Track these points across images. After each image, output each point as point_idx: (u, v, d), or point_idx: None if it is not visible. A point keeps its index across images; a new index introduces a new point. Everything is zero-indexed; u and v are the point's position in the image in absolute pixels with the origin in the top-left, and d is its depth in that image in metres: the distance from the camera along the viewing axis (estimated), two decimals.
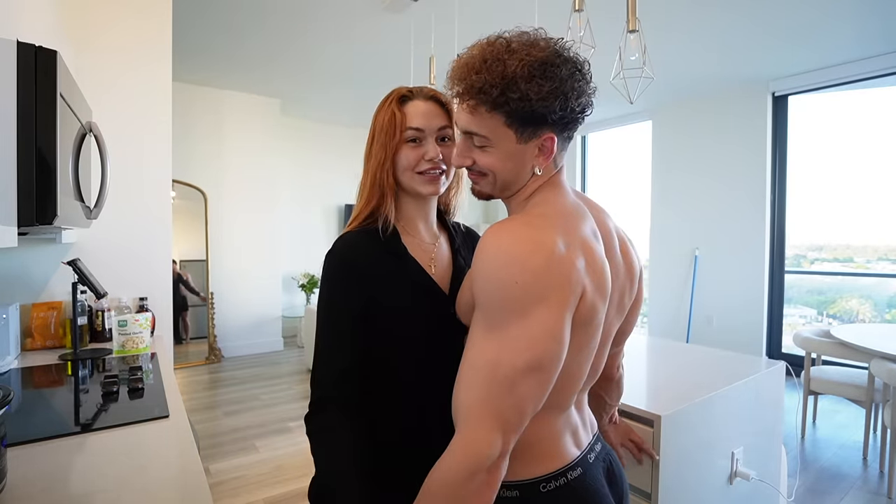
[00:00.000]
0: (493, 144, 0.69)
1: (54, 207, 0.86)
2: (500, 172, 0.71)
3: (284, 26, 3.26)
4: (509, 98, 0.64)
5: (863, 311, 4.19)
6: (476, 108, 0.67)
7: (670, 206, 5.03)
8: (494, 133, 0.68)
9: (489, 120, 0.67)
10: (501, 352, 0.60)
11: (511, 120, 0.66)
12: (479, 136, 0.69)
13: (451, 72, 0.70)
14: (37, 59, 0.84)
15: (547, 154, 0.70)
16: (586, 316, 0.65)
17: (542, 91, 0.63)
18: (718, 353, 1.73)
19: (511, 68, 0.63)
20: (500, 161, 0.70)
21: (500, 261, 0.62)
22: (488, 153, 0.70)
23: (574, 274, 0.62)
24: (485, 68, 0.64)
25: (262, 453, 2.65)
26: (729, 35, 3.33)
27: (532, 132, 0.67)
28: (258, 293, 4.93)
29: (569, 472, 0.71)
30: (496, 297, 0.62)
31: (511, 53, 0.64)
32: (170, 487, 0.84)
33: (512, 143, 0.68)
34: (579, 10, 1.76)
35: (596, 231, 0.71)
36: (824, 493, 2.32)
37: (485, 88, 0.64)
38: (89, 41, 1.93)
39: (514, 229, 0.65)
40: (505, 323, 0.61)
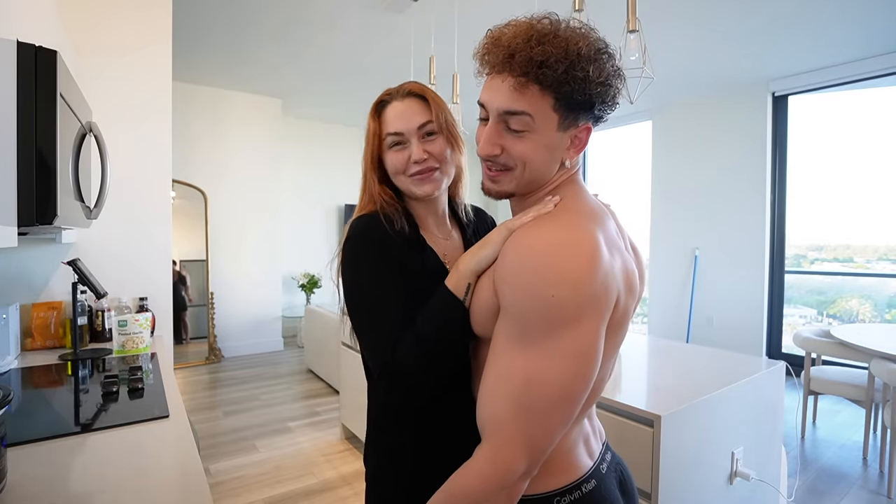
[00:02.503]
0: (534, 129, 0.61)
1: (54, 207, 0.86)
2: (533, 163, 0.63)
3: (285, 26, 3.26)
4: (573, 76, 0.57)
5: (863, 311, 4.19)
6: (527, 85, 0.58)
7: (670, 206, 5.03)
8: (539, 115, 0.60)
9: (538, 100, 0.59)
10: (535, 371, 0.56)
11: (561, 103, 0.59)
12: (523, 115, 0.60)
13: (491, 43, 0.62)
14: (37, 59, 0.84)
15: (579, 147, 0.65)
16: (619, 321, 0.62)
17: (603, 75, 0.59)
18: (718, 353, 1.73)
19: (574, 46, 0.57)
20: (535, 150, 0.62)
21: (537, 270, 0.56)
22: (524, 140, 0.62)
23: (612, 281, 0.58)
24: (546, 41, 0.57)
25: (262, 453, 2.65)
26: (729, 35, 3.33)
27: (573, 120, 0.62)
28: (258, 293, 4.93)
29: (583, 484, 0.67)
30: (529, 310, 0.57)
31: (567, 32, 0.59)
32: (170, 487, 0.84)
33: (553, 129, 0.61)
34: (579, 10, 1.76)
35: (618, 229, 0.69)
36: (824, 493, 2.32)
37: (548, 62, 0.57)
38: (89, 41, 1.93)
39: (549, 233, 0.58)
40: (539, 339, 0.57)
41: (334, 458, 2.59)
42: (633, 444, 1.18)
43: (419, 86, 0.82)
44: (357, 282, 0.73)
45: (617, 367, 1.57)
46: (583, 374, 0.57)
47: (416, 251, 0.79)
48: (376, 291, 0.71)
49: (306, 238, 5.73)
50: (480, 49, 0.64)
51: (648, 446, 1.15)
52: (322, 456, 2.62)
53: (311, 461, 2.56)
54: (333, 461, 2.56)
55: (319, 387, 3.82)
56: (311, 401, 3.50)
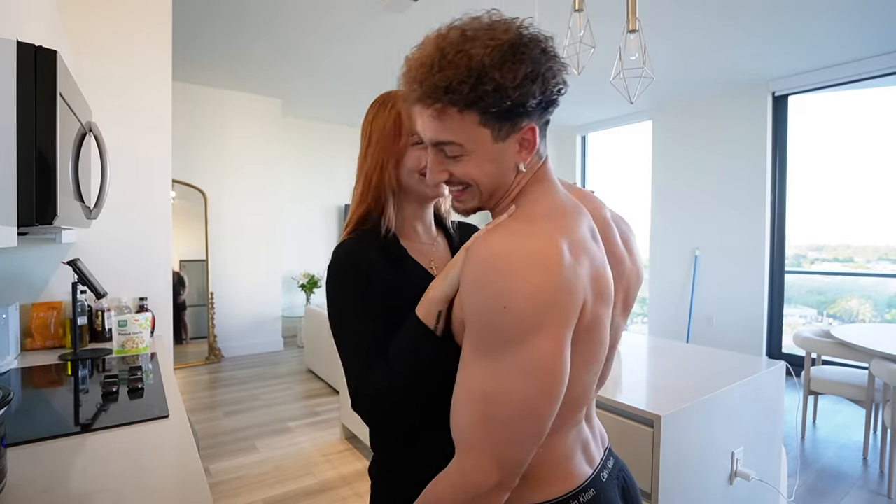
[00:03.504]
0: (469, 150, 0.61)
1: (54, 207, 0.86)
2: (483, 180, 0.63)
3: (285, 26, 3.26)
4: (482, 92, 0.55)
5: (863, 311, 4.19)
6: (444, 110, 0.58)
7: (670, 206, 5.03)
8: (469, 137, 0.59)
9: (461, 122, 0.59)
10: (493, 385, 0.55)
11: (486, 117, 0.58)
12: (451, 144, 0.60)
13: (405, 74, 0.61)
14: (37, 58, 0.84)
15: (530, 147, 0.62)
16: (588, 328, 0.59)
17: (518, 77, 0.55)
18: (718, 353, 1.73)
19: (477, 57, 0.55)
20: (479, 168, 0.62)
21: (488, 279, 0.54)
22: (464, 162, 0.62)
23: (575, 286, 0.55)
24: (447, 63, 0.56)
25: (261, 453, 2.65)
26: (729, 35, 3.33)
27: (511, 127, 0.59)
28: (258, 293, 4.93)
29: (581, 494, 0.65)
30: (484, 323, 0.55)
31: (471, 41, 0.56)
32: (170, 487, 0.84)
33: (489, 143, 0.60)
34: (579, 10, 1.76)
35: (594, 229, 0.65)
36: (824, 493, 2.32)
37: (452, 86, 0.56)
38: (89, 41, 1.93)
39: (503, 243, 0.56)
40: (495, 353, 0.55)
41: (334, 458, 2.59)
42: (633, 444, 1.18)
43: None
44: (335, 310, 0.76)
45: (617, 366, 1.57)
46: (544, 390, 0.55)
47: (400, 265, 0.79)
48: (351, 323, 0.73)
49: (306, 238, 5.74)
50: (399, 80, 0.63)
51: (648, 446, 1.15)
52: (322, 456, 2.62)
53: (311, 461, 2.56)
54: (333, 461, 2.56)
55: (319, 387, 3.82)
56: (311, 401, 3.50)
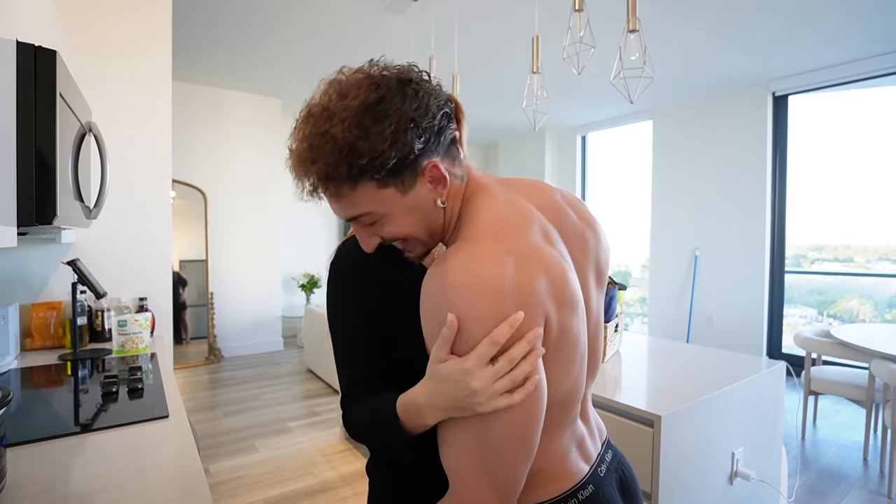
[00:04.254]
0: (384, 213, 0.60)
1: (54, 207, 0.86)
2: (413, 230, 0.62)
3: (285, 26, 3.27)
4: (361, 165, 0.55)
5: (863, 311, 4.18)
6: (339, 191, 0.58)
7: (670, 206, 5.03)
8: (376, 203, 0.59)
9: (359, 196, 0.58)
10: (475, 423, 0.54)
11: (381, 180, 0.57)
12: (364, 215, 0.60)
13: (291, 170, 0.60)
14: (36, 59, 0.84)
15: (441, 181, 0.60)
16: (559, 339, 0.58)
17: (386, 135, 0.54)
18: (718, 353, 1.73)
19: (339, 136, 0.54)
20: (402, 222, 0.61)
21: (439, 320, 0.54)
22: (387, 222, 0.61)
23: (531, 302, 0.53)
24: (316, 153, 0.56)
25: (261, 453, 2.65)
26: (729, 35, 3.33)
27: (411, 174, 0.58)
28: (258, 293, 4.93)
29: (579, 491, 0.65)
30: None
31: (330, 120, 0.56)
32: (170, 487, 0.84)
33: (398, 198, 0.59)
34: (579, 10, 1.76)
35: (546, 228, 0.63)
36: (824, 493, 2.32)
37: (330, 173, 0.56)
38: (89, 41, 1.93)
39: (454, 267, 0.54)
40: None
41: (334, 458, 2.59)
42: (633, 444, 1.18)
43: None
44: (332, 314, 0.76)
45: (617, 366, 1.57)
46: (527, 413, 0.54)
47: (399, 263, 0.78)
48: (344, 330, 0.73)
49: (306, 238, 5.74)
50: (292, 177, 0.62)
51: (648, 446, 1.15)
52: (322, 456, 2.62)
53: (311, 461, 2.56)
54: (333, 461, 2.56)
55: (319, 387, 3.82)
56: (311, 401, 3.50)
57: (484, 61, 3.79)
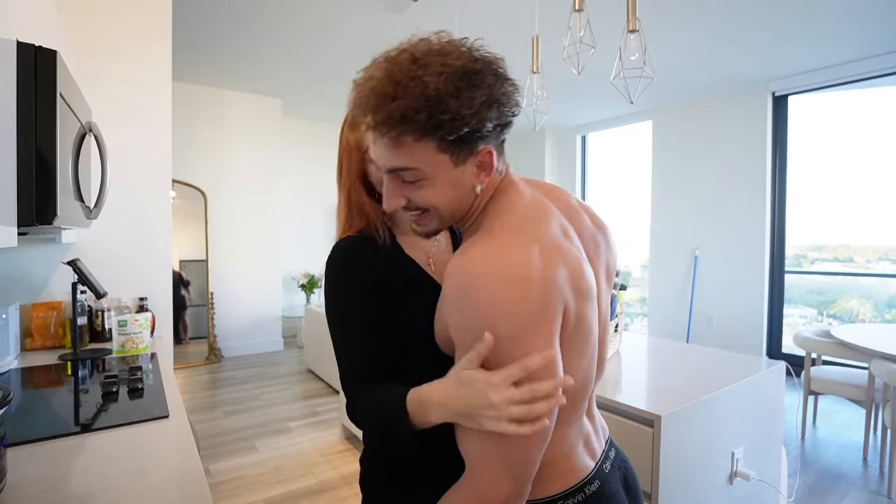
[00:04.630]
0: (428, 176, 0.60)
1: (54, 207, 0.86)
2: (443, 204, 0.62)
3: (285, 26, 3.26)
4: (439, 121, 0.55)
5: (863, 311, 4.19)
6: (399, 138, 0.57)
7: (670, 206, 5.03)
8: (426, 163, 0.59)
9: (418, 150, 0.58)
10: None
11: (444, 144, 0.57)
12: (410, 170, 0.59)
13: (355, 100, 0.60)
14: (37, 59, 0.84)
15: (487, 169, 0.62)
16: (576, 328, 0.60)
17: (475, 104, 0.55)
18: (718, 353, 1.73)
19: (432, 85, 0.54)
20: (438, 193, 0.61)
21: (470, 300, 0.55)
22: (424, 187, 0.61)
23: (553, 295, 0.56)
24: (401, 90, 0.55)
25: (261, 453, 2.65)
26: (729, 35, 3.33)
27: (468, 151, 0.59)
28: (258, 293, 4.93)
29: (586, 486, 0.66)
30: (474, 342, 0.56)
31: (423, 68, 0.55)
32: (170, 487, 0.84)
33: (448, 169, 0.60)
34: (579, 10, 1.76)
35: (565, 225, 0.65)
36: (824, 493, 2.32)
37: (408, 115, 0.55)
38: (89, 41, 1.93)
39: (480, 259, 0.56)
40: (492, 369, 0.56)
41: (334, 458, 2.59)
42: (633, 444, 1.18)
43: None
44: (331, 312, 0.77)
45: (617, 366, 1.57)
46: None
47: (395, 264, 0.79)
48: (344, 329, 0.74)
49: (306, 238, 5.73)
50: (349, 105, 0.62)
51: (648, 446, 1.15)
52: (322, 456, 2.62)
53: (311, 461, 2.56)
54: (333, 461, 2.56)
55: (319, 387, 3.82)
56: (311, 401, 3.50)
57: None
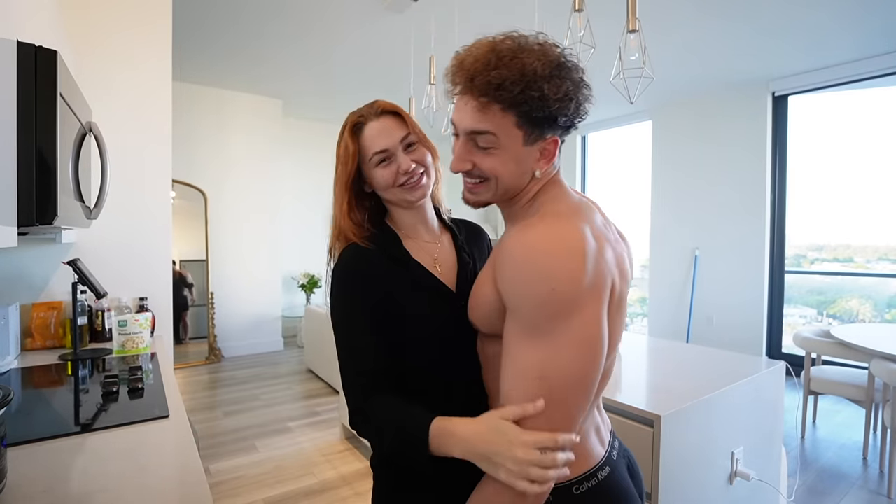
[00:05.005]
0: (500, 146, 0.66)
1: (54, 207, 0.86)
2: (504, 176, 0.68)
3: (286, 27, 3.26)
4: (529, 96, 0.62)
5: (863, 311, 4.19)
6: (488, 105, 0.64)
7: (670, 206, 5.03)
8: (504, 133, 0.65)
9: (500, 119, 0.64)
10: (548, 363, 0.60)
11: (523, 120, 0.64)
12: (487, 134, 0.65)
13: (455, 66, 0.67)
14: (37, 59, 0.84)
15: (549, 157, 0.69)
16: (617, 305, 0.66)
17: (560, 91, 0.62)
18: (718, 353, 1.73)
19: (531, 66, 0.61)
20: (503, 164, 0.67)
21: (534, 268, 0.60)
22: (493, 155, 0.67)
23: (605, 268, 0.62)
24: (502, 64, 0.62)
25: (261, 453, 2.65)
26: (729, 35, 3.33)
27: (539, 134, 0.66)
28: (258, 293, 4.93)
29: (598, 471, 0.71)
30: (534, 306, 0.60)
31: (524, 51, 0.63)
32: (170, 487, 0.84)
33: (518, 144, 0.66)
34: (579, 10, 1.76)
35: (605, 222, 0.72)
36: (824, 493, 2.32)
37: (504, 85, 0.61)
38: (89, 41, 1.93)
39: (541, 233, 0.63)
40: (547, 332, 0.60)
41: (334, 458, 2.59)
42: (633, 444, 1.18)
43: (390, 104, 0.84)
44: (337, 320, 0.78)
45: (617, 366, 1.57)
46: (593, 359, 0.61)
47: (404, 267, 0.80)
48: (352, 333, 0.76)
49: (306, 238, 5.73)
50: (448, 72, 0.69)
51: (648, 446, 1.15)
52: (322, 456, 2.62)
53: (311, 461, 2.56)
54: (333, 461, 2.56)
55: (319, 387, 3.82)
56: (311, 401, 3.50)
57: None
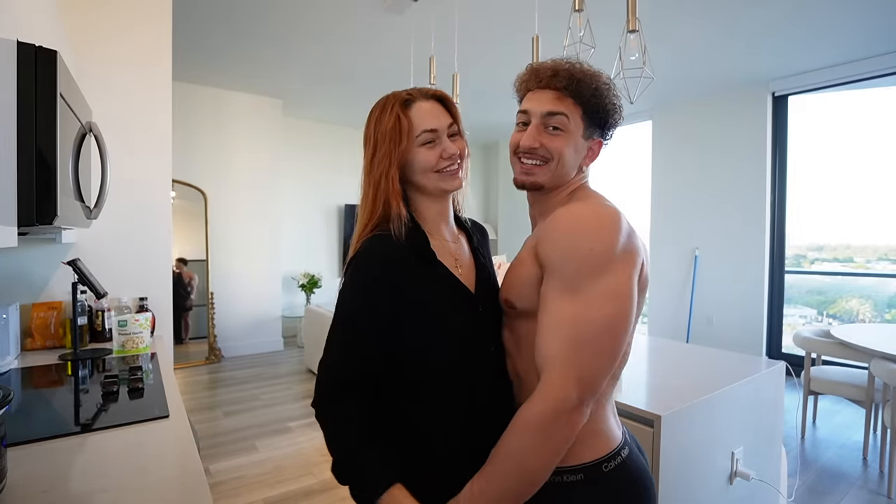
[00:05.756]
0: (568, 129, 0.79)
1: (54, 207, 0.86)
2: (564, 158, 0.80)
3: (286, 26, 3.26)
4: (597, 97, 0.80)
5: (863, 311, 4.19)
6: (564, 97, 0.79)
7: (670, 206, 5.03)
8: (574, 122, 0.80)
9: (572, 108, 0.79)
10: (582, 311, 0.68)
11: (587, 115, 0.80)
12: (561, 116, 0.79)
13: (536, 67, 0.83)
14: (37, 59, 0.84)
15: (593, 156, 0.84)
16: (643, 284, 0.74)
17: (614, 103, 0.82)
18: (718, 353, 1.73)
19: (600, 81, 0.80)
20: (567, 146, 0.80)
21: (577, 231, 0.71)
22: (560, 137, 0.80)
23: (638, 244, 0.74)
24: (583, 74, 0.80)
25: (262, 453, 2.65)
26: (729, 35, 3.33)
27: (591, 132, 0.82)
28: (258, 293, 4.93)
29: (621, 450, 0.78)
30: (574, 263, 0.70)
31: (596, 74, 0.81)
32: (170, 487, 0.84)
33: (580, 134, 0.81)
34: (579, 10, 1.76)
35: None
36: (824, 493, 2.32)
37: (584, 80, 0.79)
38: (89, 41, 1.93)
39: (585, 207, 0.75)
40: (583, 286, 0.69)
41: None
42: None
43: (441, 91, 0.85)
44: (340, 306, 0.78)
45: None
46: (622, 312, 0.69)
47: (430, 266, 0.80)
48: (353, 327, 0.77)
49: (306, 238, 5.73)
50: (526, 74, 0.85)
51: (648, 446, 1.15)
52: (322, 456, 2.62)
53: (311, 461, 2.56)
54: None
55: None
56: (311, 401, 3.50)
57: (484, 61, 3.80)
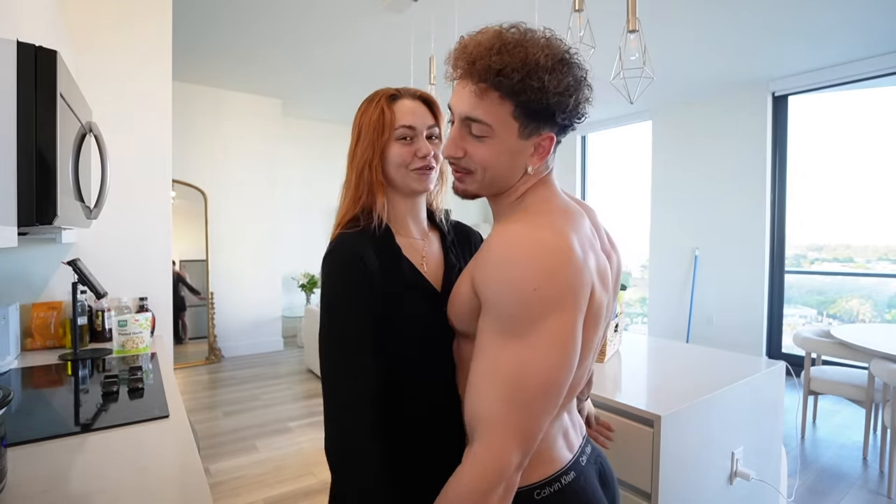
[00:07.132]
0: (494, 135, 0.64)
1: (54, 207, 0.86)
2: (492, 168, 0.66)
3: (286, 26, 3.26)
4: (528, 86, 0.60)
5: (863, 312, 4.19)
6: (486, 92, 0.62)
7: (670, 206, 5.03)
8: (499, 122, 0.63)
9: (497, 107, 0.62)
10: (521, 363, 0.58)
11: (520, 111, 0.62)
12: (481, 123, 0.63)
13: (458, 50, 0.65)
14: (37, 59, 0.84)
15: (542, 154, 0.67)
16: (595, 315, 0.64)
17: (561, 85, 0.60)
18: (718, 353, 1.73)
19: (533, 56, 0.60)
20: (495, 155, 0.65)
21: (515, 267, 0.59)
22: (485, 145, 0.65)
23: (587, 275, 0.61)
24: (506, 51, 0.60)
25: (262, 453, 2.65)
26: (729, 35, 3.33)
27: (534, 129, 0.64)
28: (258, 293, 4.93)
29: (562, 476, 0.69)
30: (512, 304, 0.59)
31: (530, 42, 0.61)
32: (170, 487, 0.84)
33: (513, 136, 0.64)
34: (579, 10, 1.76)
35: (593, 228, 0.72)
36: (824, 493, 2.32)
37: (505, 71, 0.60)
38: (89, 41, 1.93)
39: (525, 232, 0.61)
40: (523, 332, 0.59)
41: None
42: (633, 444, 1.18)
43: (428, 94, 0.86)
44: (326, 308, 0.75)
45: (617, 366, 1.57)
46: (565, 362, 0.59)
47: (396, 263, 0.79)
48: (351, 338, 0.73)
49: (306, 238, 5.73)
50: (450, 55, 0.67)
51: (648, 446, 1.15)
52: (322, 456, 2.61)
53: (311, 461, 2.56)
54: None
55: (319, 387, 3.81)
56: (311, 401, 3.50)
57: None
